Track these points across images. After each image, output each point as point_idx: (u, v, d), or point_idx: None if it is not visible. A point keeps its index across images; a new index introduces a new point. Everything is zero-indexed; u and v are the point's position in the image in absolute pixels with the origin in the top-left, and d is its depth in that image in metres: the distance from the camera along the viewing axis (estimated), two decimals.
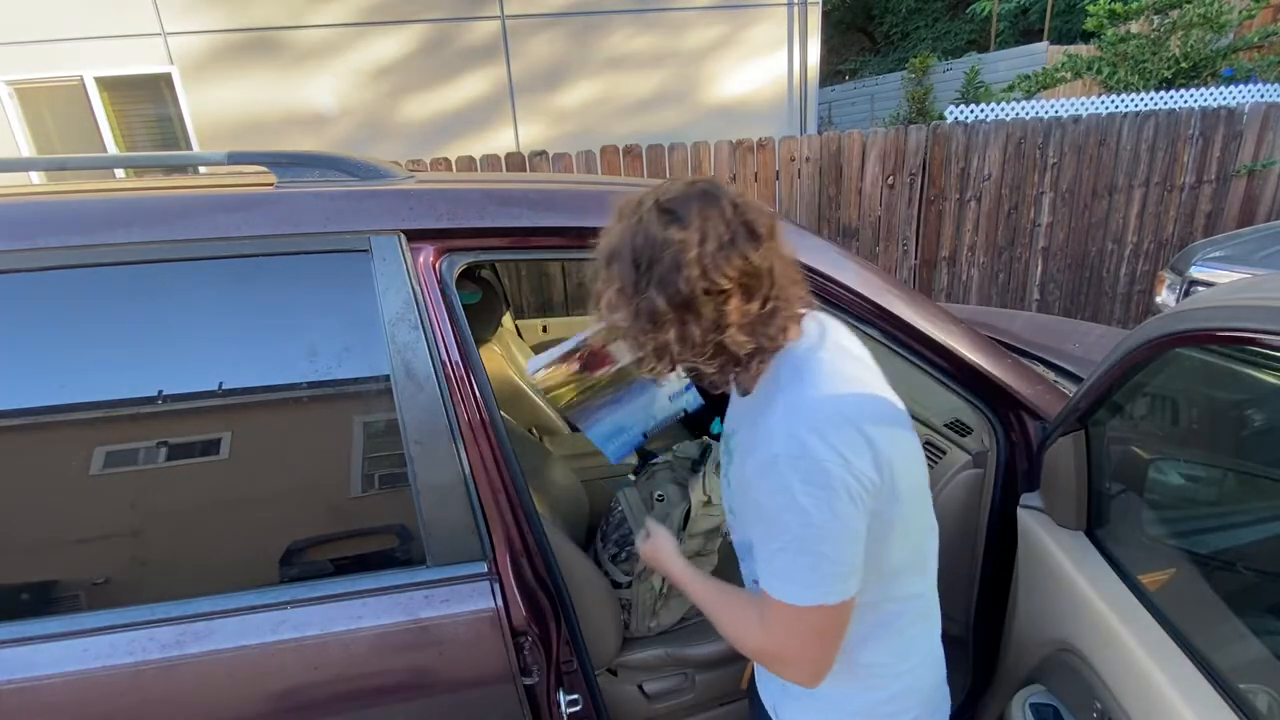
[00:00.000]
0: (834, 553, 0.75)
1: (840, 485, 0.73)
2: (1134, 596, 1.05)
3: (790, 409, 0.77)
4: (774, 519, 0.75)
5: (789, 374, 0.81)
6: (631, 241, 0.75)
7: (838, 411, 0.77)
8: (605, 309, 0.79)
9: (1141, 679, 0.95)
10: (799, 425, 0.75)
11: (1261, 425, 1.17)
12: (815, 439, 0.74)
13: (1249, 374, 1.12)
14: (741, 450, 0.87)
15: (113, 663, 0.96)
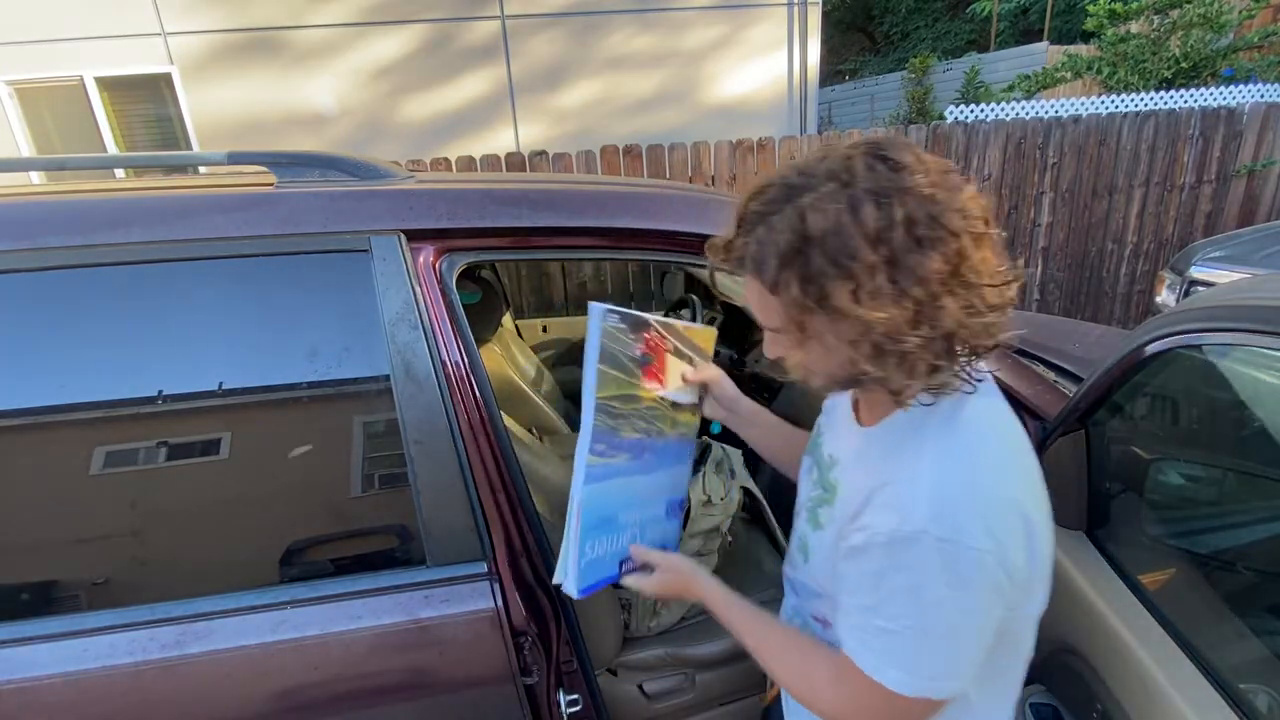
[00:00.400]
0: (957, 652, 0.65)
1: (990, 581, 0.62)
2: (1134, 597, 1.06)
3: (944, 476, 0.64)
4: (894, 597, 0.64)
5: (941, 420, 0.67)
6: (854, 202, 0.60)
7: (1006, 494, 0.64)
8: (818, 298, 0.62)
9: (1141, 679, 0.95)
10: (958, 505, 0.62)
11: (1261, 425, 1.17)
12: (977, 525, 0.61)
13: (1249, 374, 1.12)
14: (852, 494, 0.73)
15: (113, 663, 0.96)
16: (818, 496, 0.81)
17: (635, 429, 0.97)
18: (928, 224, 0.60)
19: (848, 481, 0.75)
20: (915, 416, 0.70)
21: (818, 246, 0.60)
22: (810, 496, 0.83)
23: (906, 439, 0.69)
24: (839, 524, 0.73)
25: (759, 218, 0.65)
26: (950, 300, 0.61)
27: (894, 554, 0.63)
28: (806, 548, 0.81)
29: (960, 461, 0.65)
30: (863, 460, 0.75)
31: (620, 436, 0.94)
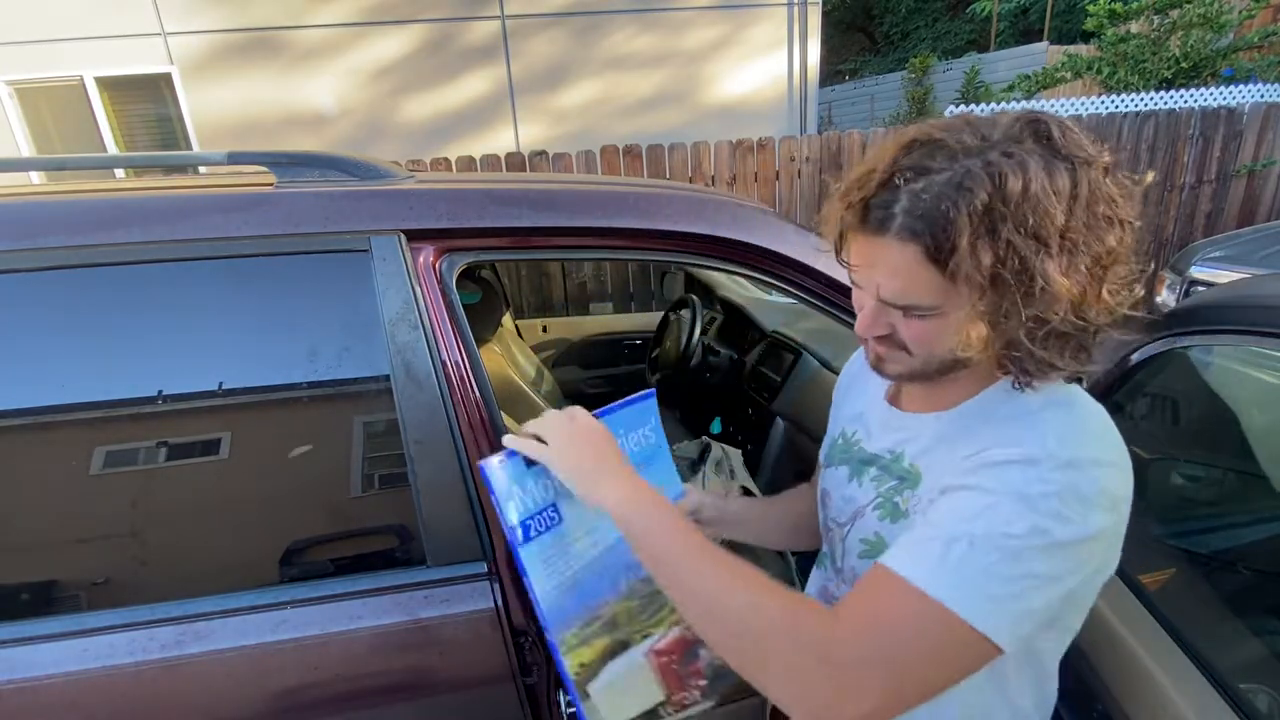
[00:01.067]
0: (1048, 586, 0.56)
1: (1094, 524, 0.56)
2: (1134, 597, 1.06)
3: (1068, 430, 0.60)
4: (997, 508, 0.56)
5: (1046, 398, 0.63)
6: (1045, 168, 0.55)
7: (1123, 462, 0.61)
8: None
9: (1141, 679, 0.95)
10: (1083, 446, 0.58)
11: (1261, 425, 1.17)
12: (1099, 474, 0.57)
13: (1249, 374, 1.12)
14: (948, 466, 0.65)
15: (113, 663, 0.96)
16: (893, 487, 0.71)
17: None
18: (1108, 202, 0.57)
19: (934, 460, 0.68)
20: (1002, 397, 0.65)
21: (1014, 212, 0.54)
22: (880, 491, 0.73)
23: (1004, 412, 0.64)
24: (931, 494, 0.65)
25: (921, 172, 0.57)
26: (1103, 288, 0.58)
27: (1017, 467, 0.56)
28: (881, 546, 0.72)
29: (1083, 427, 0.61)
30: (947, 442, 0.67)
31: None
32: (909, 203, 0.57)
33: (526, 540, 0.78)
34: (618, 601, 0.83)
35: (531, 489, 0.79)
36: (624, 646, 0.83)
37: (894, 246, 0.58)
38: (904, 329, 0.63)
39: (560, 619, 0.80)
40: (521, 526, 0.78)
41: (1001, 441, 0.60)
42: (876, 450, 0.77)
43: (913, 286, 0.59)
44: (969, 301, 0.58)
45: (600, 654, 0.81)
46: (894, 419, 0.77)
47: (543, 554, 0.79)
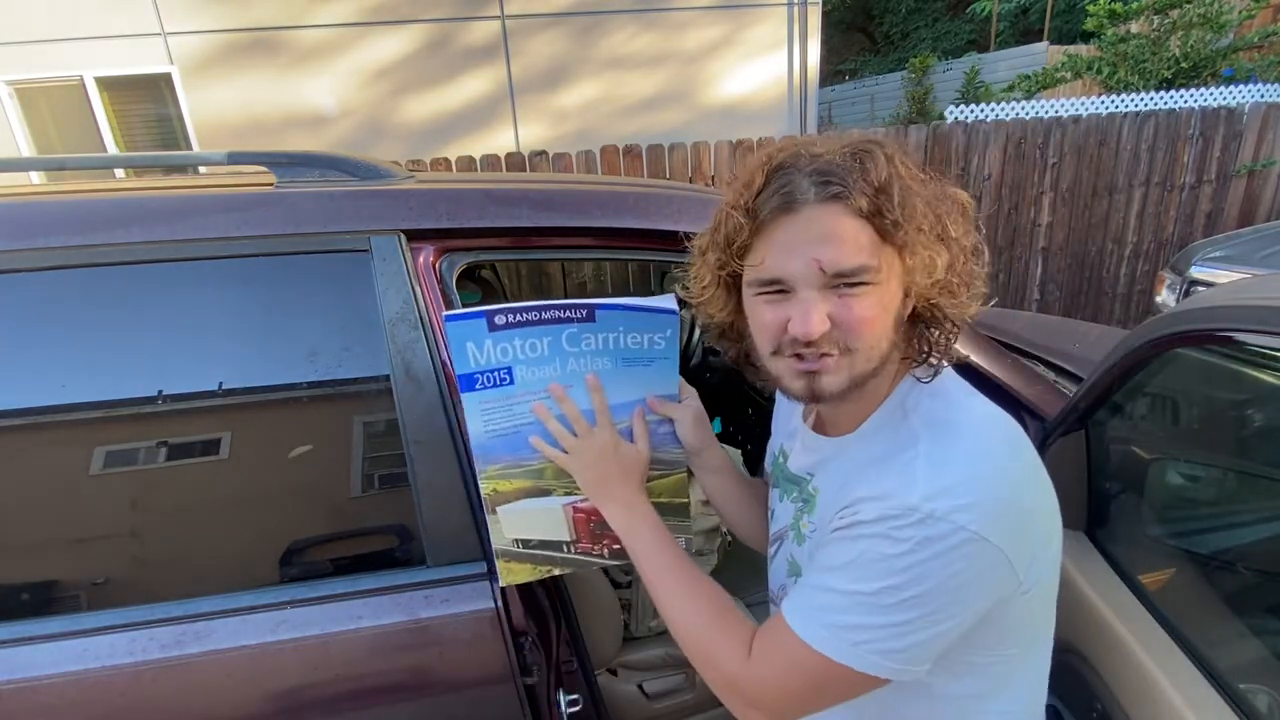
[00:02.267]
0: (920, 628, 0.60)
1: (980, 574, 0.60)
2: (1134, 597, 1.06)
3: (940, 463, 0.62)
4: (858, 563, 0.61)
5: (925, 417, 0.67)
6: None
7: (1012, 497, 0.62)
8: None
9: (1141, 679, 0.95)
10: (955, 486, 0.60)
11: (1261, 425, 1.17)
12: (975, 510, 0.59)
13: (1249, 374, 1.12)
14: (834, 494, 0.70)
15: (113, 663, 0.96)
16: (801, 508, 0.78)
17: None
18: (947, 195, 0.66)
19: (828, 484, 0.73)
20: (896, 418, 0.69)
21: (901, 160, 0.64)
22: (793, 515, 0.79)
23: (891, 437, 0.68)
24: (821, 529, 0.70)
25: (793, 163, 0.64)
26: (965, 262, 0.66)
27: (876, 527, 0.61)
28: (798, 568, 0.78)
29: (958, 450, 0.63)
30: (844, 464, 0.72)
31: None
32: (815, 175, 0.61)
33: (469, 389, 0.84)
34: (548, 460, 0.88)
35: (489, 349, 0.83)
36: (544, 494, 0.90)
37: (816, 214, 0.61)
38: (847, 314, 0.63)
39: (485, 456, 0.87)
40: (467, 377, 0.83)
41: (877, 484, 0.64)
42: (796, 470, 0.81)
43: (854, 245, 0.61)
44: (896, 259, 0.63)
45: (516, 490, 0.89)
46: (810, 440, 0.80)
47: (483, 404, 0.84)
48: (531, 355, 0.84)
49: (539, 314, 0.83)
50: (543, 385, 0.85)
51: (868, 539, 0.61)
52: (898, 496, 0.61)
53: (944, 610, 0.61)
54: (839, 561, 0.63)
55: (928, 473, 0.61)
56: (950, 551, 0.58)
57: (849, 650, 0.62)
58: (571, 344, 0.85)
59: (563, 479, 0.89)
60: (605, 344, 0.85)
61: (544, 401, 0.86)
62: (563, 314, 0.84)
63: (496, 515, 0.90)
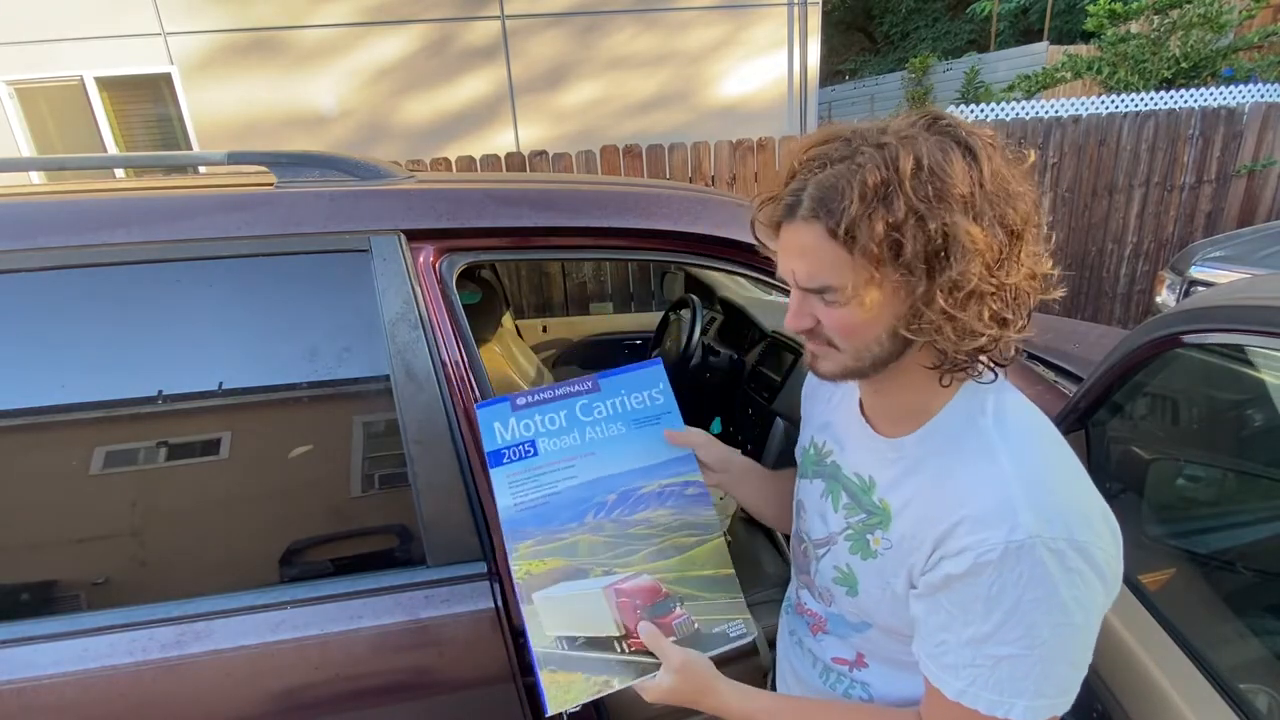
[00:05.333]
0: (1080, 659, 0.62)
1: (1102, 577, 0.61)
2: (1134, 597, 1.05)
3: (1033, 478, 0.62)
4: (1014, 616, 0.59)
5: (994, 420, 0.66)
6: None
7: (1089, 488, 0.64)
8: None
9: (1141, 679, 0.95)
10: (1059, 505, 0.60)
11: (1261, 425, 1.18)
12: (1082, 522, 0.60)
13: (1249, 374, 1.12)
14: (915, 516, 0.68)
15: (113, 663, 0.96)
16: (863, 521, 0.74)
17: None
18: (1003, 177, 0.60)
19: (904, 501, 0.70)
20: (960, 421, 0.67)
21: (911, 182, 0.57)
22: (850, 523, 0.75)
23: (966, 446, 0.66)
24: (903, 551, 0.68)
25: (822, 162, 0.61)
26: (1020, 251, 0.61)
27: (1007, 569, 0.59)
28: (853, 579, 0.74)
29: (1040, 461, 0.63)
30: (914, 476, 0.69)
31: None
32: (814, 188, 0.60)
33: (496, 464, 0.88)
34: (580, 531, 0.85)
35: (513, 426, 0.91)
36: (580, 574, 0.84)
37: (801, 229, 0.62)
38: (826, 319, 0.64)
39: (515, 532, 0.85)
40: (495, 453, 0.89)
41: (975, 504, 0.62)
42: (848, 471, 0.78)
43: (820, 266, 0.61)
44: (877, 280, 0.60)
45: (550, 570, 0.84)
46: (865, 438, 0.77)
47: (510, 477, 0.87)
48: (551, 428, 0.91)
49: (553, 392, 0.93)
50: (565, 454, 0.89)
51: (1004, 589, 0.59)
52: (1014, 532, 0.59)
53: (1095, 621, 0.62)
54: (983, 628, 0.61)
55: (1027, 497, 0.60)
56: (1083, 569, 0.59)
57: (1056, 702, 0.61)
58: (585, 414, 0.92)
59: (598, 555, 0.84)
60: (614, 409, 0.93)
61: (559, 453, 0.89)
62: (573, 390, 0.93)
63: (534, 604, 0.81)
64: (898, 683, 0.76)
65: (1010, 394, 0.69)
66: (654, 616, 0.82)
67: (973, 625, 0.61)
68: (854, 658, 0.79)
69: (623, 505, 0.87)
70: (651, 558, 0.85)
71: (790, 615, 0.92)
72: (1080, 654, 0.62)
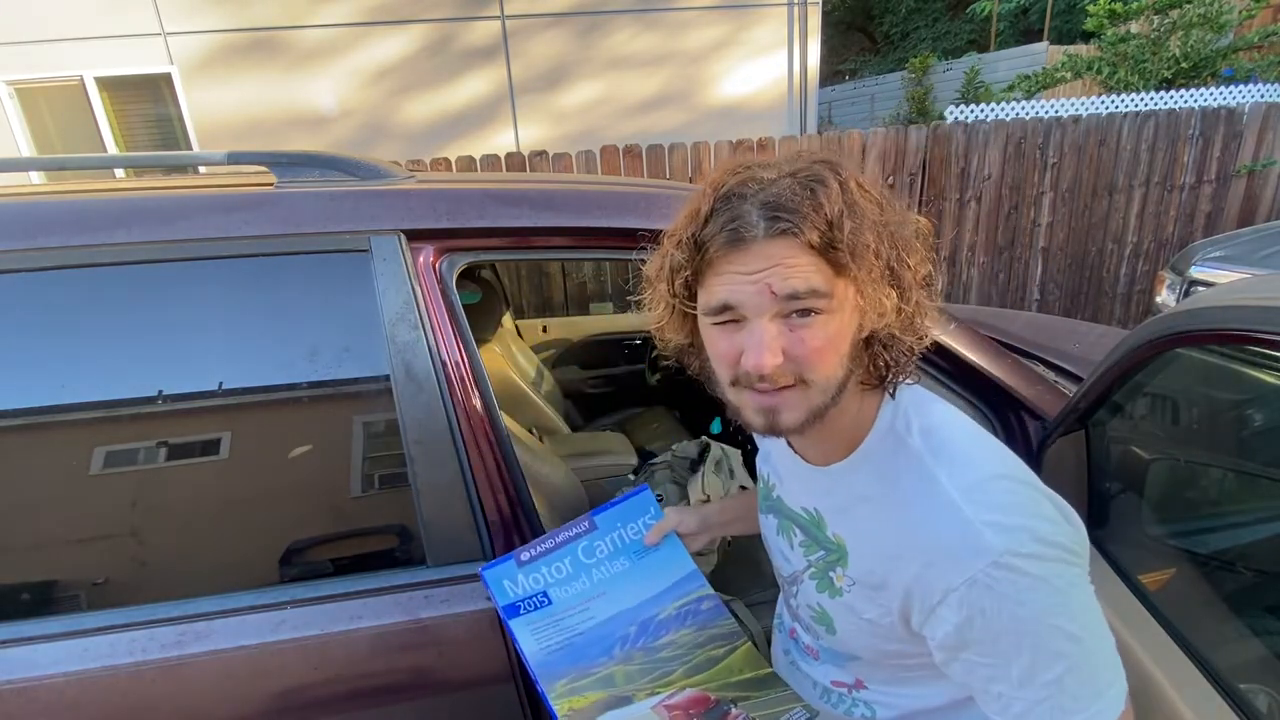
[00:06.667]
0: (1108, 631, 0.62)
1: (1078, 559, 0.61)
2: (1134, 597, 1.05)
3: (981, 497, 0.62)
4: (1041, 638, 0.59)
5: (921, 440, 0.67)
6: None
7: (1026, 480, 0.64)
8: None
9: (1141, 679, 0.95)
10: (1014, 515, 0.60)
11: (1261, 425, 1.17)
12: (1038, 518, 0.61)
13: (1249, 374, 1.12)
14: (869, 551, 0.68)
15: (113, 663, 0.96)
16: (823, 559, 0.74)
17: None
18: (899, 211, 0.64)
19: (855, 535, 0.70)
20: (887, 445, 0.68)
21: (861, 195, 0.61)
22: (811, 561, 0.76)
23: (902, 474, 0.66)
24: (869, 587, 0.68)
25: (760, 184, 0.60)
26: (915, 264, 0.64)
27: (1002, 596, 0.59)
28: (828, 618, 0.75)
29: (977, 473, 0.63)
30: (858, 506, 0.70)
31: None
32: (764, 209, 0.59)
33: (514, 615, 0.88)
34: (612, 665, 0.85)
35: (522, 581, 0.91)
36: (624, 701, 0.81)
37: (766, 246, 0.59)
38: (800, 345, 0.61)
39: (549, 674, 0.84)
40: (510, 607, 0.89)
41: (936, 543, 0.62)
42: (794, 507, 0.78)
43: (805, 273, 0.59)
44: (851, 289, 0.61)
45: (594, 703, 0.81)
46: (799, 470, 0.76)
47: (531, 625, 0.88)
48: (560, 576, 0.92)
49: (554, 540, 0.94)
50: (579, 599, 0.90)
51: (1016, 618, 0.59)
52: (985, 558, 0.59)
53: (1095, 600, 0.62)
54: (1026, 663, 0.60)
55: (986, 518, 0.60)
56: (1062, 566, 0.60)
57: (1120, 690, 0.61)
58: (587, 555, 0.93)
59: (636, 681, 0.83)
60: (615, 544, 0.94)
61: (574, 598, 0.90)
62: (571, 534, 0.95)
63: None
64: (900, 698, 0.76)
65: (934, 405, 0.70)
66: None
67: (1013, 664, 0.60)
68: (852, 681, 0.79)
69: (645, 635, 0.88)
70: (689, 673, 0.84)
71: (783, 636, 0.92)
72: (1104, 628, 0.62)
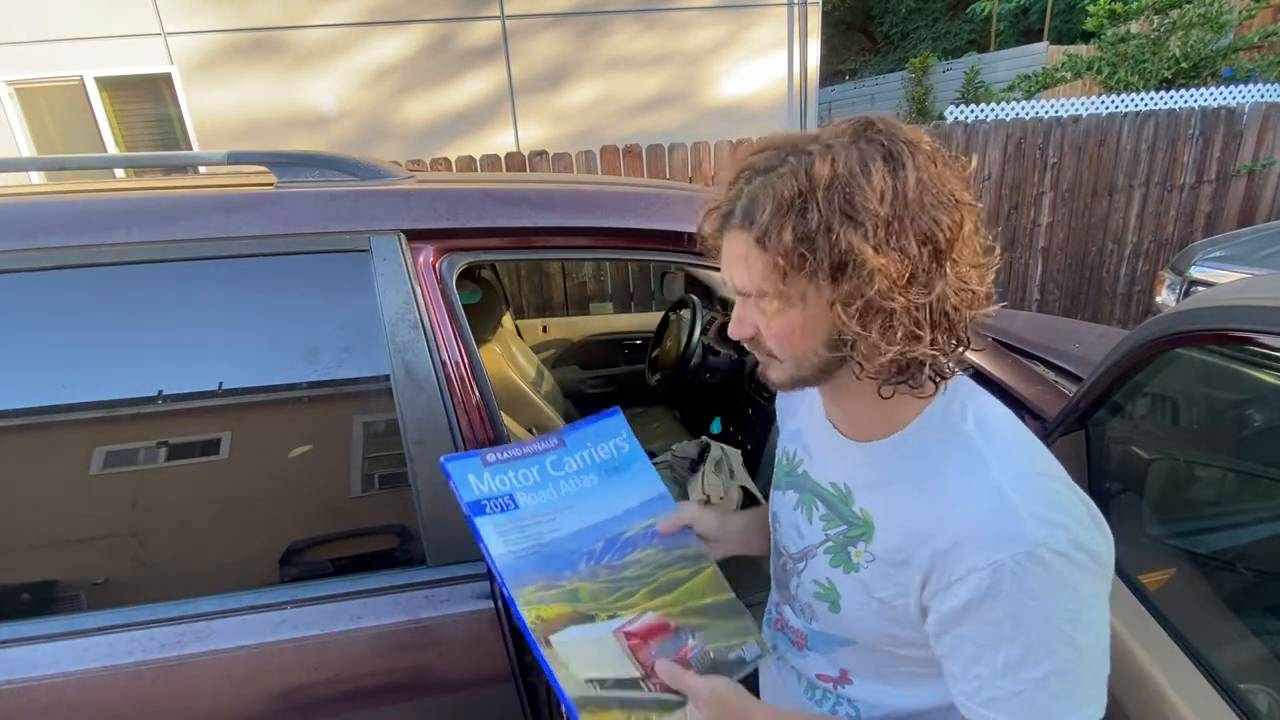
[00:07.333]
0: (1107, 655, 0.62)
1: (1106, 573, 0.61)
2: (1134, 597, 1.05)
3: (1025, 484, 0.61)
4: (1042, 633, 0.58)
5: (974, 425, 0.65)
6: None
7: (1073, 487, 0.63)
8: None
9: (1141, 679, 0.95)
10: (1056, 510, 0.60)
11: (1261, 425, 1.18)
12: (1078, 524, 0.59)
13: (1249, 374, 1.12)
14: (899, 528, 0.66)
15: (113, 663, 0.96)
16: (844, 534, 0.72)
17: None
18: (934, 188, 0.59)
19: (886, 512, 0.68)
20: (939, 427, 0.66)
21: (823, 193, 0.57)
22: (830, 535, 0.74)
23: (950, 454, 0.65)
24: (891, 565, 0.67)
25: (754, 172, 0.62)
26: (947, 267, 0.60)
27: (1022, 584, 0.57)
28: (834, 594, 0.73)
29: (1029, 468, 0.63)
30: (894, 484, 0.68)
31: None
32: (745, 199, 0.62)
33: (479, 514, 0.85)
34: (577, 579, 0.83)
35: (489, 480, 0.88)
36: (586, 619, 0.81)
37: (736, 237, 0.63)
38: (763, 328, 0.65)
39: (516, 578, 0.82)
40: (475, 504, 0.86)
41: (972, 522, 0.60)
42: (821, 480, 0.77)
43: (750, 273, 0.62)
44: (799, 289, 0.61)
45: (560, 616, 0.81)
46: (834, 444, 0.75)
47: (498, 525, 0.85)
48: (527, 483, 0.90)
49: (521, 450, 0.92)
50: (546, 509, 0.88)
51: (1023, 607, 0.58)
52: (1020, 545, 0.58)
53: (1107, 616, 0.62)
54: (1016, 651, 0.59)
55: (1025, 506, 0.59)
56: (1089, 570, 0.59)
57: (1097, 709, 0.60)
58: (556, 469, 0.92)
59: (600, 599, 0.82)
60: (583, 461, 0.93)
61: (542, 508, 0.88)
62: (539, 447, 0.93)
63: (553, 647, 0.78)
64: (884, 697, 0.76)
65: (986, 397, 0.70)
66: (667, 653, 0.80)
67: (1003, 650, 0.59)
68: (837, 674, 0.78)
69: (610, 551, 0.86)
70: (651, 595, 0.83)
71: (770, 630, 0.91)
72: (1106, 648, 0.61)
